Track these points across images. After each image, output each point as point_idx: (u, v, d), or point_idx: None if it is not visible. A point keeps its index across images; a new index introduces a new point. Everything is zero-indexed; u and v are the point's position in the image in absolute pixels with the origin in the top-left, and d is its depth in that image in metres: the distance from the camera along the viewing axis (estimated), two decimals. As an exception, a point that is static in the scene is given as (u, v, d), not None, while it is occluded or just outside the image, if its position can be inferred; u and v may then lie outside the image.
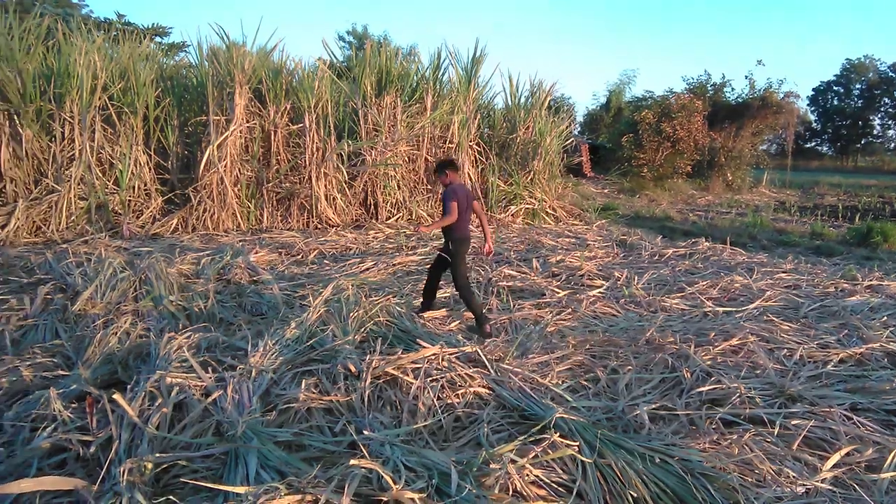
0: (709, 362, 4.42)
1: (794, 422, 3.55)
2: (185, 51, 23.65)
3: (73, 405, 3.32)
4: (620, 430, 3.48)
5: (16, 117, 10.18)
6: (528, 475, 2.74)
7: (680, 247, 9.55)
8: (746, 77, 22.68)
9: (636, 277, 7.16)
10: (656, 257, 8.81)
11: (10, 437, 3.15)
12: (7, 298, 5.65)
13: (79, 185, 10.38)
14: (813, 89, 55.75)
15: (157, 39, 25.36)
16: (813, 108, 55.28)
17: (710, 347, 4.72)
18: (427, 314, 5.70)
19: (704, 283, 6.99)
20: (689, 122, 20.35)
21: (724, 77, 24.03)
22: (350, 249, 9.02)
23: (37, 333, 4.86)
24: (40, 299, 5.45)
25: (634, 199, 17.74)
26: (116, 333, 4.38)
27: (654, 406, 3.74)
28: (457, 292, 5.50)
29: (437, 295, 6.07)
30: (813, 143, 57.20)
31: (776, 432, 3.43)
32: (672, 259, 8.68)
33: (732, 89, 23.75)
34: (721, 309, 6.05)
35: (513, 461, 2.75)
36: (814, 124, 55.56)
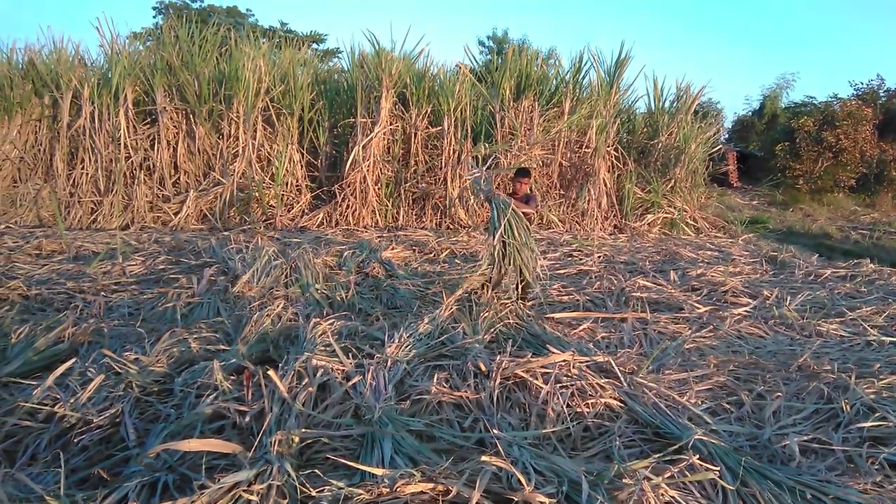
0: (872, 396, 3.96)
1: (977, 473, 3.10)
2: (338, 56, 25.22)
3: (232, 377, 3.65)
4: (766, 459, 3.23)
5: (191, 116, 11.45)
6: (663, 495, 2.62)
7: (840, 267, 8.64)
8: (930, 81, 20.01)
9: (788, 298, 6.58)
10: (811, 277, 8.05)
11: (178, 400, 3.51)
12: (178, 277, 6.37)
13: (240, 178, 11.43)
14: None
15: (314, 46, 27.23)
16: None
17: (874, 380, 4.22)
18: (556, 315, 5.75)
19: (868, 309, 6.29)
20: (856, 131, 18.28)
21: (901, 81, 21.37)
22: (479, 252, 9.12)
23: (202, 310, 5.38)
24: (205, 280, 6.04)
25: (787, 213, 16.26)
26: (270, 316, 4.75)
27: (805, 438, 3.43)
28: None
29: (566, 299, 6.35)
30: None
31: (955, 482, 3.01)
32: (830, 280, 7.88)
33: (911, 95, 21.06)
34: (888, 339, 5.41)
35: (647, 478, 2.65)
36: None
